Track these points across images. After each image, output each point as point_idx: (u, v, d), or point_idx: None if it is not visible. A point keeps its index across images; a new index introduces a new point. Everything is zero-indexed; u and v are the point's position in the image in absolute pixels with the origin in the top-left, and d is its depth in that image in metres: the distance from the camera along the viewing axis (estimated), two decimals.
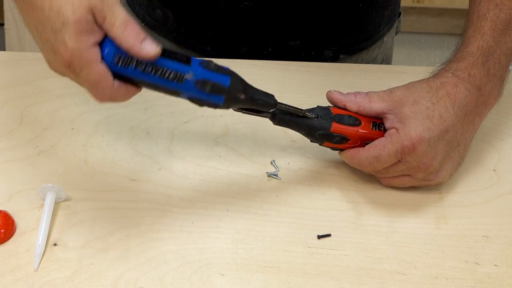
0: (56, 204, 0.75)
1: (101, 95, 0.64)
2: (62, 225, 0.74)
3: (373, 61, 1.10)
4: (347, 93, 0.78)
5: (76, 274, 0.69)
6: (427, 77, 0.79)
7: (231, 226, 0.75)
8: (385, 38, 1.10)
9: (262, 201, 0.78)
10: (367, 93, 0.78)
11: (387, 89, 0.78)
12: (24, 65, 0.96)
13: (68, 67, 0.62)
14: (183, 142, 0.84)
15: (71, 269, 0.69)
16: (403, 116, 0.75)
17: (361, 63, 1.07)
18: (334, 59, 1.04)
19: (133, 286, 0.68)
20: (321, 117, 0.76)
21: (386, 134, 0.75)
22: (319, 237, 0.74)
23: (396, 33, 1.15)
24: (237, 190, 0.79)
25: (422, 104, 0.75)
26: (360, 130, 0.76)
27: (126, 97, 0.66)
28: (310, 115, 0.75)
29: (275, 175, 0.81)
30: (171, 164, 0.82)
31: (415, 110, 0.74)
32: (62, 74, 0.65)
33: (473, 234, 0.75)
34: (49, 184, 0.74)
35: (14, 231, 0.73)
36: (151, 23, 1.04)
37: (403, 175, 0.77)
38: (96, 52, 0.62)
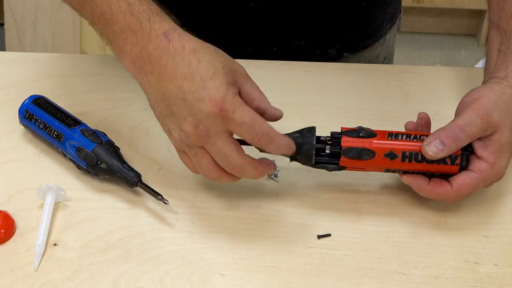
0: (56, 204, 0.75)
1: (260, 133, 0.67)
2: (62, 225, 0.74)
3: (376, 58, 1.10)
4: (447, 140, 0.71)
5: (76, 274, 0.69)
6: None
7: (231, 226, 0.75)
8: (388, 36, 1.10)
9: (262, 201, 0.78)
10: (462, 127, 0.71)
11: (485, 112, 0.72)
12: (24, 65, 0.96)
13: (219, 111, 0.66)
14: None
15: (71, 269, 0.69)
16: (498, 147, 0.72)
17: (364, 61, 1.07)
18: (337, 57, 1.05)
19: (133, 286, 0.68)
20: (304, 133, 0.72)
21: (477, 170, 0.72)
22: (319, 237, 0.74)
23: (398, 30, 1.15)
24: (237, 190, 0.79)
25: None
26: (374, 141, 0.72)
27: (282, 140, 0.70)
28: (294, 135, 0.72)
29: (275, 175, 0.81)
30: (171, 164, 0.81)
31: (511, 140, 0.73)
32: (197, 133, 0.67)
33: (473, 234, 0.75)
34: (49, 184, 0.74)
35: (14, 231, 0.73)
36: None
37: None
38: (241, 99, 0.68)
